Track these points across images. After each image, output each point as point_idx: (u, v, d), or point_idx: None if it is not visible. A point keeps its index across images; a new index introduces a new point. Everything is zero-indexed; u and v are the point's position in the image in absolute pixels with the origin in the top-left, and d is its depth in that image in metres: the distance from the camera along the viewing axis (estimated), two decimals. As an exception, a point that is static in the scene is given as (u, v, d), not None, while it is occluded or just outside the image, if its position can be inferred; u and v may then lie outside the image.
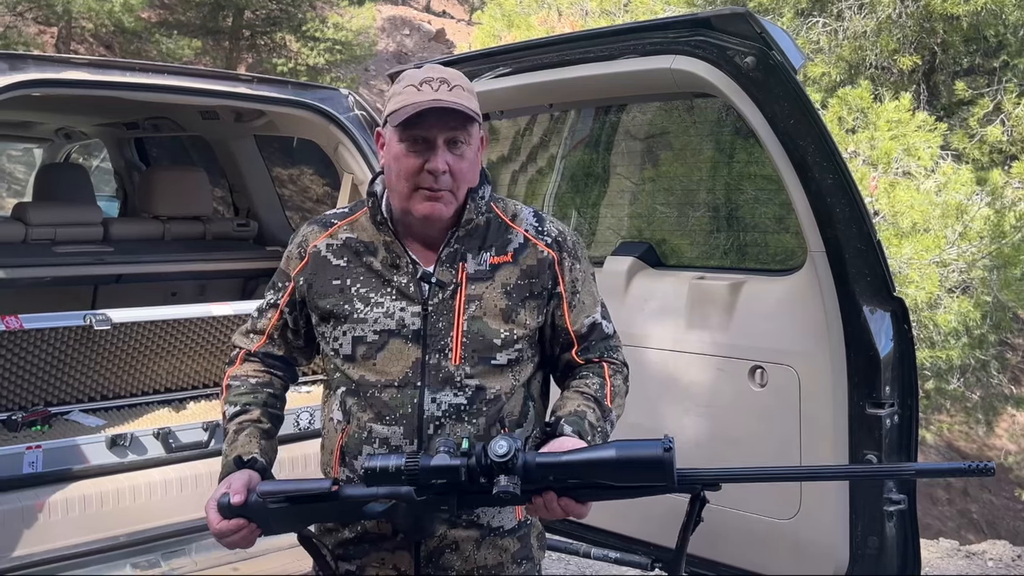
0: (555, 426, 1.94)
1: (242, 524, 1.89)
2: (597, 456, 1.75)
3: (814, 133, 2.87)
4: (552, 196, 4.24)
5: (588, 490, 1.81)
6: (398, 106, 1.96)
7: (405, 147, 1.97)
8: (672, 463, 1.70)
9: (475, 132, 2.02)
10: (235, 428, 2.08)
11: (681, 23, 3.16)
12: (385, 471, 1.76)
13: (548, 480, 1.78)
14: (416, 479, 1.76)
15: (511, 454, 1.72)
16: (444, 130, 1.95)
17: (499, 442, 1.72)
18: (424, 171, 1.96)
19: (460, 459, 1.75)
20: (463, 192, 2.03)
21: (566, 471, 1.77)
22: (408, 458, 1.75)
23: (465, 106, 1.95)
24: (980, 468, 1.65)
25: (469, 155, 2.01)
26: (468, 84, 2.03)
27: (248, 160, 5.57)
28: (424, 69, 2.03)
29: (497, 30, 11.81)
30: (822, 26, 10.13)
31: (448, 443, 1.79)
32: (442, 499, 1.80)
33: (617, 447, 1.74)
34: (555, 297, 2.10)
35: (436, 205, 1.98)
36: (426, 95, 1.94)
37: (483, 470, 1.74)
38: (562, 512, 1.82)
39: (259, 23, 18.33)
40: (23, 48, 14.23)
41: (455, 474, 1.75)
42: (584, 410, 2.00)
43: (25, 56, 3.62)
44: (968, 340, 8.86)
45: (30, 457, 3.38)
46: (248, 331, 2.24)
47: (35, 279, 4.54)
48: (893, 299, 2.91)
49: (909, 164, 8.49)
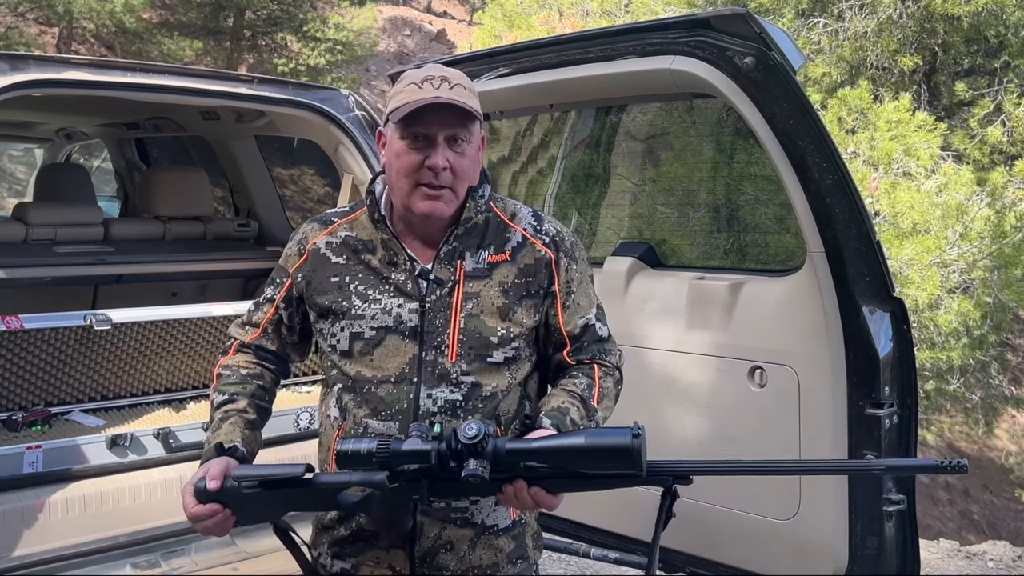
0: (535, 419, 1.96)
1: (217, 509, 1.89)
2: (566, 443, 1.76)
3: (813, 133, 2.87)
4: (552, 196, 4.24)
5: (558, 480, 1.81)
6: (399, 103, 1.97)
7: (406, 144, 1.98)
8: (640, 451, 1.70)
9: (475, 130, 2.03)
10: (220, 416, 2.09)
11: (681, 24, 3.17)
12: (357, 454, 1.77)
13: (518, 467, 1.78)
14: (388, 462, 1.76)
15: (480, 437, 1.73)
16: (444, 127, 1.96)
17: (469, 425, 1.74)
18: (424, 167, 1.97)
19: (432, 443, 1.76)
20: (463, 190, 2.04)
21: (535, 457, 1.77)
22: (380, 441, 1.77)
23: (465, 103, 1.96)
24: (953, 466, 1.65)
25: (469, 152, 2.02)
26: (469, 83, 2.04)
27: (249, 160, 5.58)
28: (425, 68, 2.04)
29: (498, 30, 11.82)
30: (822, 26, 10.14)
31: (421, 428, 1.80)
32: (415, 487, 1.81)
33: (586, 434, 1.75)
34: (550, 296, 2.11)
35: (437, 203, 1.99)
36: (427, 92, 1.95)
37: (453, 454, 1.75)
38: (532, 502, 1.83)
39: (260, 24, 18.35)
40: (24, 48, 14.25)
41: (425, 458, 1.76)
42: (567, 407, 2.00)
43: (26, 56, 3.63)
44: (968, 341, 8.87)
45: (30, 457, 3.38)
46: (243, 323, 2.26)
47: (36, 279, 4.55)
48: (892, 299, 2.91)
49: (909, 165, 8.49)
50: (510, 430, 2.04)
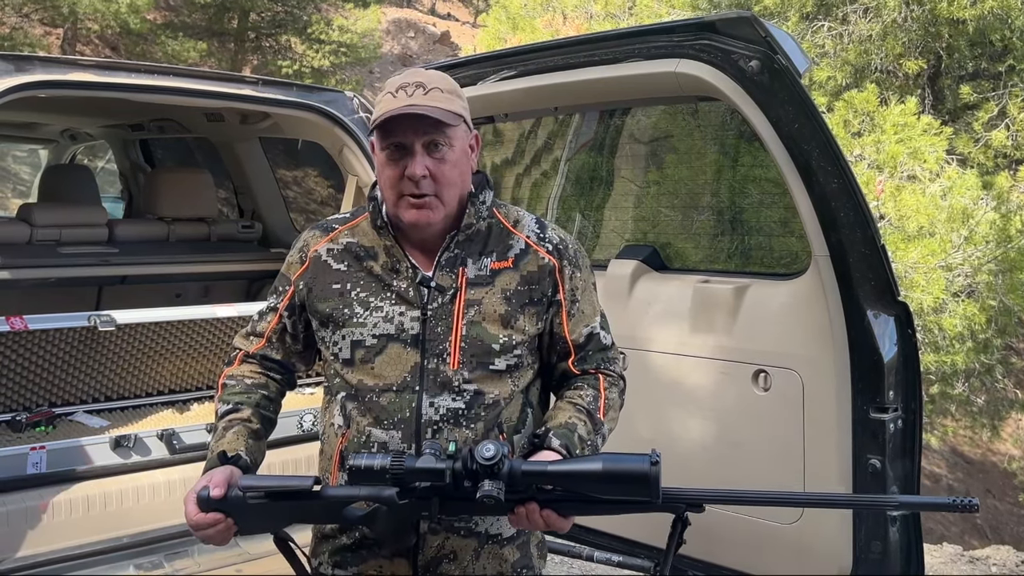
0: (544, 437, 1.94)
1: (219, 519, 1.88)
2: (583, 468, 1.74)
3: (818, 137, 2.86)
4: (556, 199, 4.24)
5: (571, 503, 1.80)
6: (377, 113, 1.96)
7: (386, 155, 1.97)
8: (658, 478, 1.69)
9: (457, 134, 1.99)
10: (224, 425, 2.08)
11: (686, 27, 3.16)
12: (370, 469, 1.75)
13: (532, 489, 1.77)
14: (401, 479, 1.75)
15: (498, 458, 1.71)
16: (419, 135, 1.94)
17: (487, 445, 1.72)
18: (405, 177, 1.95)
19: (446, 462, 1.74)
20: (451, 196, 2.00)
21: (551, 480, 1.76)
22: (394, 458, 1.75)
23: (438, 108, 1.93)
24: (964, 504, 1.66)
25: (451, 157, 1.98)
26: (448, 85, 2.00)
27: (253, 162, 5.58)
28: (404, 74, 2.01)
29: (502, 32, 11.84)
30: (827, 30, 10.13)
31: (435, 446, 1.78)
32: (425, 504, 1.79)
33: (604, 459, 1.73)
34: (554, 305, 2.09)
35: (422, 212, 1.97)
36: (400, 101, 1.92)
37: (468, 474, 1.73)
38: (544, 524, 1.81)
39: (264, 25, 18.39)
40: (29, 49, 14.28)
41: (440, 476, 1.74)
42: (575, 422, 1.99)
43: (31, 57, 3.63)
44: (973, 344, 8.85)
45: (34, 458, 3.39)
46: (248, 333, 2.24)
47: (40, 280, 4.56)
48: (897, 303, 2.90)
49: (914, 168, 8.48)
50: (518, 448, 2.03)
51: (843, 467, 2.97)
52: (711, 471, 3.31)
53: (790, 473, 3.09)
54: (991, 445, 15.06)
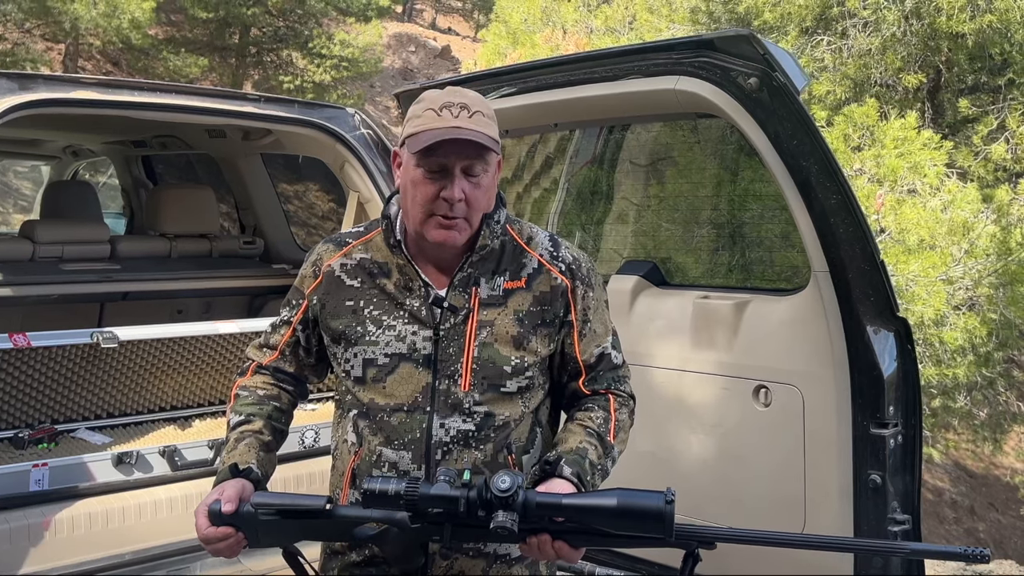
0: (555, 465, 1.93)
1: (229, 533, 1.88)
2: (598, 503, 1.74)
3: (817, 154, 2.88)
4: (557, 215, 4.25)
5: (584, 536, 1.80)
6: (416, 130, 1.93)
7: (422, 173, 1.94)
8: (672, 517, 1.69)
9: (492, 159, 1.98)
10: (235, 437, 2.08)
11: (685, 44, 3.18)
12: (385, 494, 1.75)
13: (545, 521, 1.77)
14: (415, 505, 1.75)
15: (513, 490, 1.71)
16: (461, 159, 1.92)
17: (502, 477, 1.72)
18: (440, 198, 1.93)
19: (461, 490, 1.74)
20: (477, 219, 2.00)
21: (564, 513, 1.76)
22: (408, 484, 1.75)
23: (485, 135, 1.92)
24: (975, 555, 1.67)
25: (485, 182, 1.98)
26: (488, 109, 1.99)
27: (255, 178, 5.61)
28: (446, 92, 1.98)
29: (502, 47, 11.88)
30: (827, 44, 10.16)
31: (449, 473, 1.77)
32: (436, 528, 1.79)
33: (619, 495, 1.73)
34: (566, 325, 2.08)
35: (450, 233, 1.96)
36: (446, 121, 1.90)
37: (483, 503, 1.73)
38: (555, 555, 1.81)
39: (266, 40, 18.45)
40: (31, 65, 14.33)
41: (454, 504, 1.74)
42: (586, 447, 1.98)
43: (35, 76, 3.65)
44: (975, 358, 8.84)
45: (36, 475, 3.39)
46: (261, 345, 2.24)
47: (42, 297, 4.57)
48: (897, 319, 2.91)
49: (915, 182, 8.49)
50: (527, 470, 2.03)
51: (843, 482, 2.98)
52: (712, 486, 3.31)
53: (791, 489, 3.10)
54: (994, 458, 15.03)
